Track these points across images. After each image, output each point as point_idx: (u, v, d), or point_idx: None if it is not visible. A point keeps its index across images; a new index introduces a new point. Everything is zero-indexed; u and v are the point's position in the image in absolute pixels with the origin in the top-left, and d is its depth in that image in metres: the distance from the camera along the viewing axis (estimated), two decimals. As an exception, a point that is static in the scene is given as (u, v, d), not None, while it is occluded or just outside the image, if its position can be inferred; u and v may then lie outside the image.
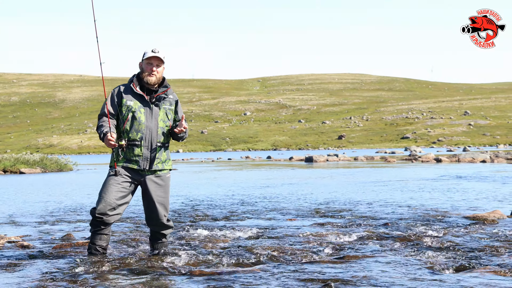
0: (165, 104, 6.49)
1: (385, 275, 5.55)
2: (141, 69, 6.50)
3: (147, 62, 6.43)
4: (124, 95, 6.42)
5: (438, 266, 5.89)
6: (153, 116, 6.41)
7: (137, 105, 6.38)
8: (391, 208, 11.74)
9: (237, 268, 5.96)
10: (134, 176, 6.41)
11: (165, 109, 6.48)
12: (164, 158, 6.51)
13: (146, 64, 6.44)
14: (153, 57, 6.42)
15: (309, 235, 8.18)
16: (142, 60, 6.47)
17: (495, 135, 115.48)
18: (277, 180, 22.00)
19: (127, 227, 9.45)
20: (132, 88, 6.44)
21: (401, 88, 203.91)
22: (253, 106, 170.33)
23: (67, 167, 35.62)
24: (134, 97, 6.42)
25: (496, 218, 9.44)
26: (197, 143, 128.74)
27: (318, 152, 74.62)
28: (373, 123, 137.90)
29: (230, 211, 11.76)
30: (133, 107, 6.37)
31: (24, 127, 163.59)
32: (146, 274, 5.70)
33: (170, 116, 6.52)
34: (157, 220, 6.56)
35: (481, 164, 33.51)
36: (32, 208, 12.92)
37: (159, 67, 6.46)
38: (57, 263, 6.33)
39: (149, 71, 6.42)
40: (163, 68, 6.52)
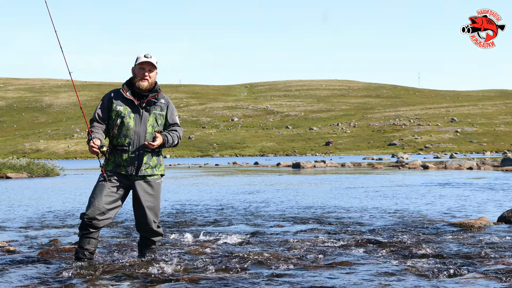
0: (156, 109, 6.48)
1: (372, 281, 5.57)
2: (134, 74, 6.49)
3: (140, 67, 6.42)
4: (114, 100, 6.42)
5: (425, 272, 5.91)
6: (142, 121, 6.39)
7: (126, 110, 6.38)
8: (377, 214, 11.76)
9: (225, 274, 5.96)
10: (123, 180, 6.40)
11: (155, 114, 6.46)
12: (154, 163, 6.49)
13: (138, 69, 6.43)
14: (146, 62, 6.41)
15: (297, 241, 8.19)
16: (135, 65, 6.46)
17: (481, 142, 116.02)
18: (265, 186, 22.00)
19: (116, 232, 9.42)
20: (122, 93, 6.43)
21: (389, 95, 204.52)
22: (241, 112, 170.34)
23: (54, 172, 35.45)
24: (124, 102, 6.41)
25: (482, 225, 9.48)
26: (184, 149, 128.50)
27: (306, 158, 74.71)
28: (360, 130, 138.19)
29: (217, 216, 11.75)
30: (122, 112, 6.36)
31: (11, 131, 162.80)
32: (134, 280, 5.69)
33: (160, 121, 6.50)
34: (146, 226, 6.53)
35: (468, 171, 33.65)
36: (18, 213, 12.85)
37: (152, 72, 6.45)
38: (44, 268, 6.30)
39: (141, 76, 6.41)
40: (156, 73, 6.51)
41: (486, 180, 23.36)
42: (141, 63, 6.41)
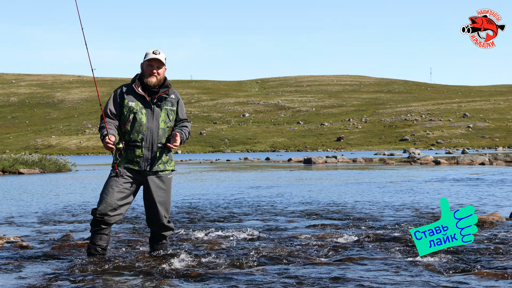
0: (167, 105, 6.48)
1: (385, 276, 5.56)
2: (142, 69, 6.50)
3: (148, 63, 6.42)
4: (126, 96, 6.42)
5: (437, 268, 5.91)
6: (154, 117, 6.40)
7: (138, 106, 6.38)
8: (389, 210, 11.75)
9: (237, 269, 5.97)
10: (135, 176, 6.41)
11: (166, 109, 6.47)
12: (166, 159, 6.51)
13: (146, 66, 6.43)
14: (154, 59, 6.41)
15: (309, 236, 8.19)
16: (144, 61, 6.47)
17: (494, 138, 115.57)
18: (276, 181, 22.00)
19: (127, 227, 9.46)
20: (134, 88, 6.43)
21: (400, 90, 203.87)
22: (252, 108, 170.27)
23: (66, 168, 35.60)
24: (136, 98, 6.42)
25: (495, 221, 9.45)
26: (195, 144, 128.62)
27: (317, 154, 74.61)
28: (371, 125, 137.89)
29: (228, 212, 11.77)
30: (134, 108, 6.36)
31: (23, 127, 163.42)
32: (146, 275, 5.71)
33: (171, 116, 6.51)
34: (157, 221, 6.56)
35: (480, 167, 33.52)
36: (31, 208, 12.92)
37: (160, 69, 6.44)
38: (57, 264, 6.34)
39: (150, 72, 6.41)
40: (164, 69, 6.51)
41: (498, 176, 23.26)
42: (149, 59, 6.41)
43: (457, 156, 45.33)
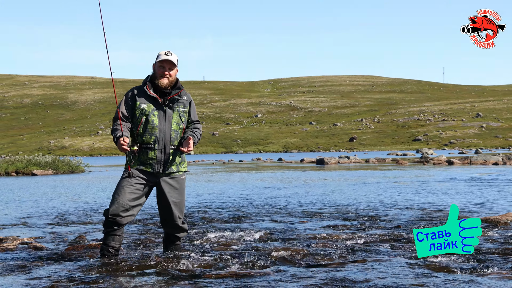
0: (179, 106, 6.47)
1: (399, 278, 5.54)
2: (154, 70, 6.50)
3: (160, 65, 6.41)
4: (138, 98, 6.41)
5: (451, 269, 5.87)
6: (166, 119, 6.39)
7: (150, 108, 6.37)
8: (403, 210, 11.70)
9: (250, 270, 5.96)
10: (148, 178, 6.41)
11: (178, 111, 6.46)
12: (179, 160, 6.51)
13: (158, 67, 6.42)
14: (166, 61, 6.40)
15: (322, 237, 8.16)
16: (155, 62, 6.46)
17: (507, 137, 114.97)
18: (289, 182, 21.98)
19: (140, 228, 9.47)
20: (146, 90, 6.42)
21: (413, 90, 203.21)
22: (264, 108, 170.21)
23: (79, 169, 35.71)
24: (148, 100, 6.41)
25: (508, 221, 9.38)
26: (208, 145, 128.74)
27: (330, 154, 74.53)
28: (384, 125, 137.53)
29: (241, 212, 11.76)
30: (146, 110, 6.36)
31: (36, 128, 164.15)
32: (160, 276, 5.71)
33: (183, 118, 6.50)
34: (172, 222, 6.56)
35: (493, 167, 33.36)
36: (44, 209, 12.97)
37: (172, 70, 6.43)
38: (70, 265, 6.35)
39: (161, 74, 6.40)
40: (176, 70, 6.50)
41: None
42: (161, 61, 6.39)
43: (470, 156, 45.13)
